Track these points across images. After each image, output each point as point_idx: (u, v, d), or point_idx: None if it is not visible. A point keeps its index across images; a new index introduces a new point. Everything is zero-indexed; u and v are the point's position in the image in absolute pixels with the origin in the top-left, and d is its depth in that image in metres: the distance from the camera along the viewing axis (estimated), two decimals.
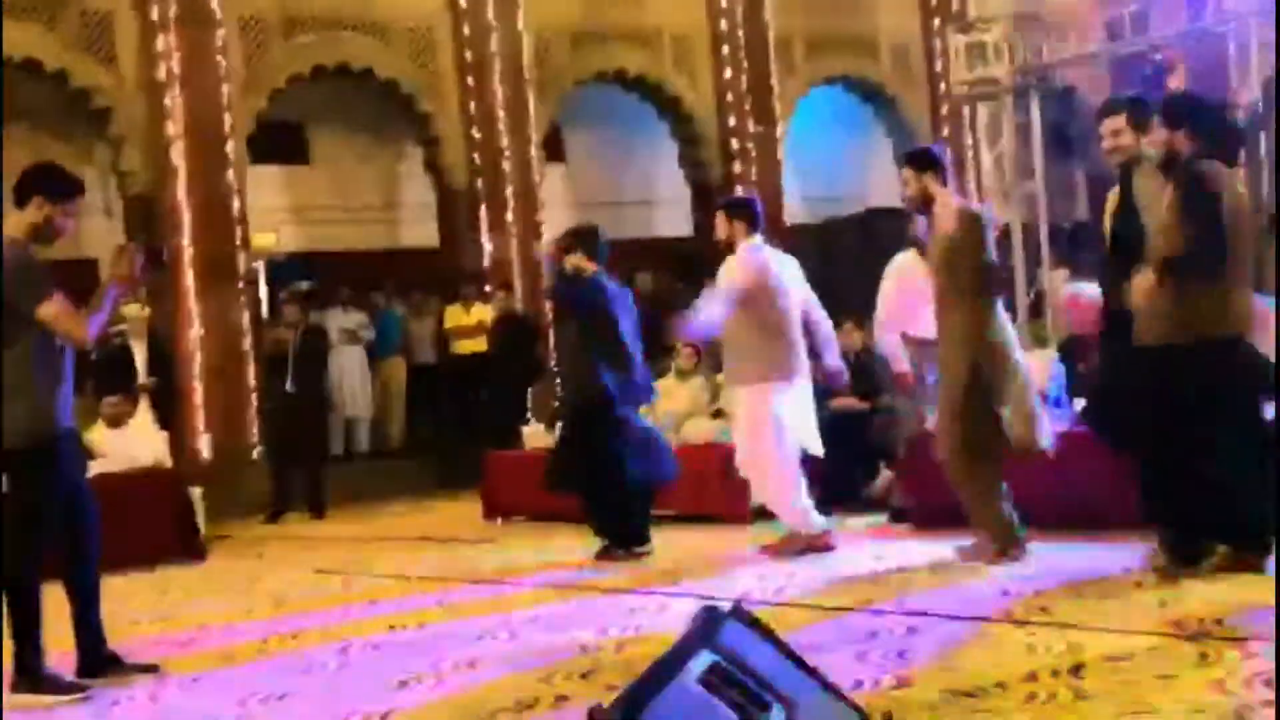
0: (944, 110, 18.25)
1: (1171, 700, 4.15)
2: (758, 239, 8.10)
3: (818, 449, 8.16)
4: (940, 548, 7.41)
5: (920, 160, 7.38)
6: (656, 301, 16.97)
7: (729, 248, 8.13)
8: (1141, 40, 13.82)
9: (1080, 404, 7.94)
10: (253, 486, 13.47)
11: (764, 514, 8.80)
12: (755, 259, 8.02)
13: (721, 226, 8.18)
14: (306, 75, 15.05)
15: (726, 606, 3.70)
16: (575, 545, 8.97)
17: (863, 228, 16.39)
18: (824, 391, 8.95)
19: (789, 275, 8.14)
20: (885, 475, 9.56)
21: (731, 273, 8.02)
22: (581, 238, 8.82)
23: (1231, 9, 13.17)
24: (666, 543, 8.78)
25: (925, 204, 7.27)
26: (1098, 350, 7.56)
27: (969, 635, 5.43)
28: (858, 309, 9.99)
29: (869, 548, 8.04)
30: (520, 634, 6.25)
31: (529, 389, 14.06)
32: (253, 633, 6.93)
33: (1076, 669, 4.64)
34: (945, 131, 18.27)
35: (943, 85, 17.68)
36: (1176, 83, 13.63)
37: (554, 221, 16.14)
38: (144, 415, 11.64)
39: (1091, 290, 7.61)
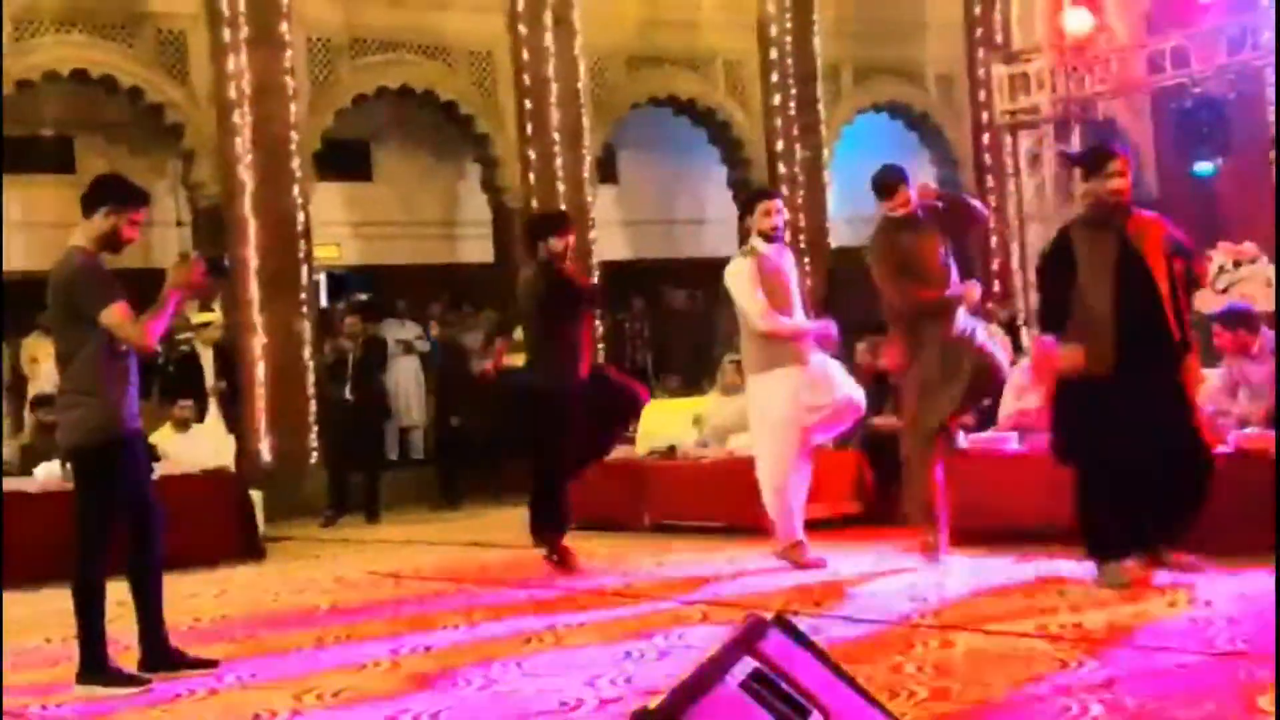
0: (986, 138, 18.16)
1: None
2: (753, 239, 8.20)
3: (859, 397, 8.26)
4: (976, 562, 7.41)
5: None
6: (691, 318, 17.02)
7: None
8: (1182, 73, 13.73)
9: None
10: (310, 490, 13.54)
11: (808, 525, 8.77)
12: (748, 256, 8.11)
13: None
14: (371, 95, 15.15)
15: (769, 616, 3.70)
16: (624, 552, 8.96)
17: None
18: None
19: (791, 268, 8.29)
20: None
21: (731, 275, 8.09)
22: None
23: (1269, 44, 13.05)
24: (710, 554, 8.77)
25: None
26: None
27: (1004, 649, 5.39)
28: None
29: (902, 562, 7.98)
30: (565, 638, 6.25)
31: None
32: (309, 630, 6.96)
33: (1109, 683, 4.60)
34: (988, 159, 18.19)
35: (986, 114, 17.60)
36: None
37: (605, 240, 16.18)
38: (214, 418, 11.72)
39: None
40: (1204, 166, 17.91)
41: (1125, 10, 14.69)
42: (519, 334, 8.89)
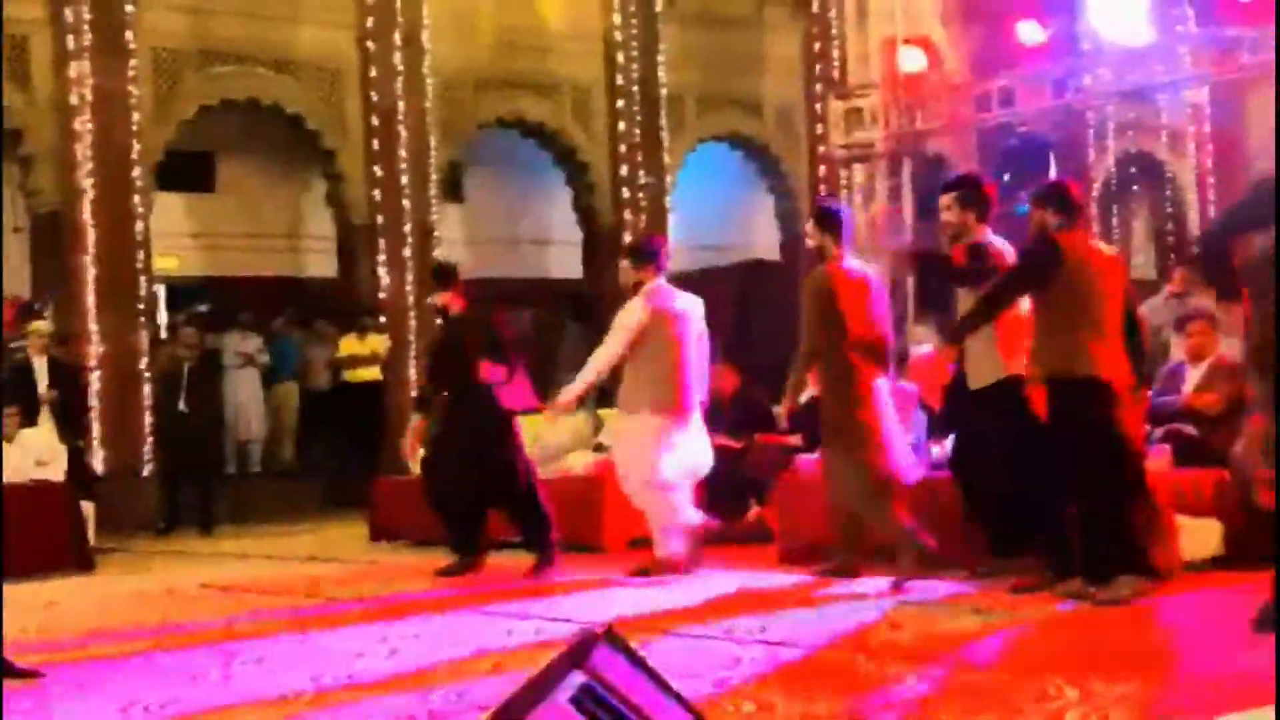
0: (822, 170, 18.45)
1: None
2: (661, 279, 8.25)
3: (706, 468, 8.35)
4: (805, 579, 7.51)
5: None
6: (539, 338, 17.01)
7: (636, 289, 8.25)
8: (1007, 114, 14.10)
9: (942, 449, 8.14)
10: (143, 502, 13.24)
11: (643, 542, 8.80)
12: (657, 298, 8.16)
13: (627, 273, 8.34)
14: (216, 106, 14.89)
15: (600, 630, 3.69)
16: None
17: (741, 277, 16.52)
18: None
19: (692, 314, 8.28)
20: (755, 510, 9.62)
21: (627, 316, 8.14)
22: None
23: (1091, 88, 13.47)
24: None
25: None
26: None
27: (830, 664, 5.46)
28: (735, 352, 10.06)
29: (738, 578, 8.07)
30: (399, 651, 6.18)
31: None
32: (138, 642, 6.78)
33: (926, 700, 4.69)
34: (823, 191, 18.49)
35: (822, 147, 17.89)
36: None
37: (450, 258, 16.04)
38: (46, 428, 11.40)
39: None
40: (1023, 205, 18.41)
41: (955, 51, 15.05)
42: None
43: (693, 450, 8.23)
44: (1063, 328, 6.60)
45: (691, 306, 8.34)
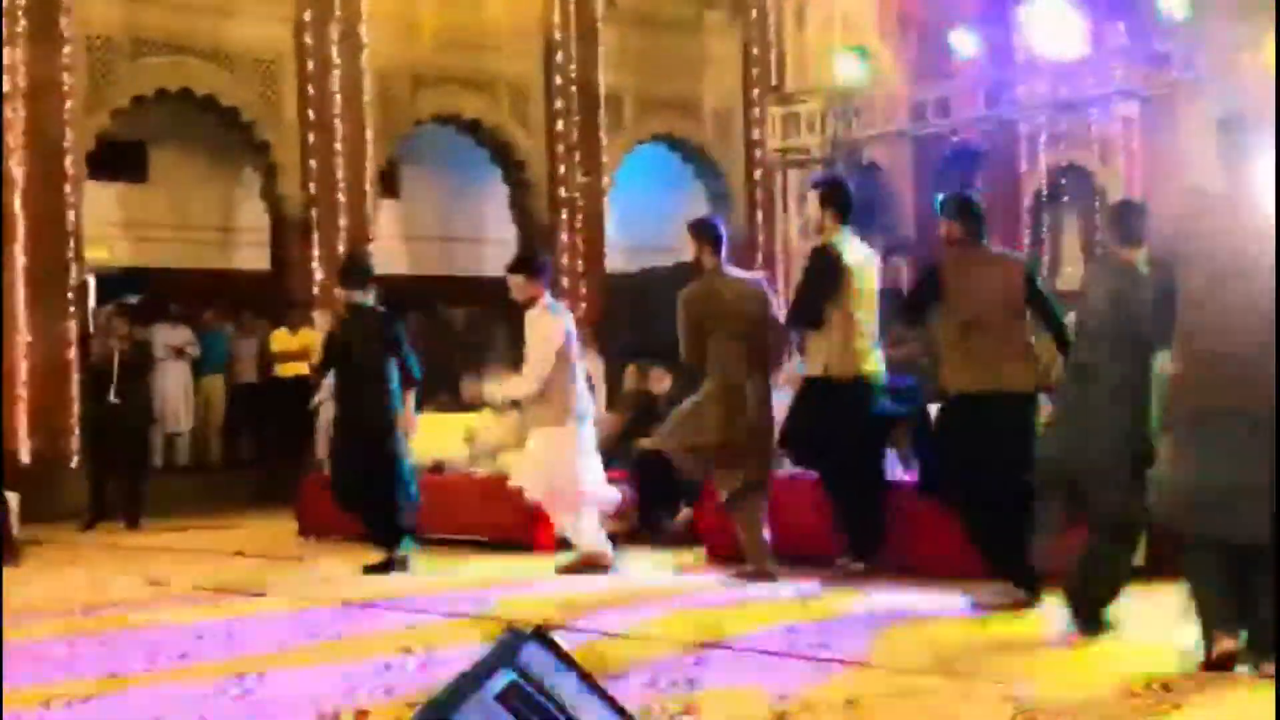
0: (758, 174, 18.53)
1: None
2: (548, 296, 8.57)
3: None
4: (733, 581, 7.56)
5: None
6: (467, 335, 16.98)
7: (529, 304, 8.47)
8: (942, 123, 14.23)
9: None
10: (70, 494, 13.05)
11: (568, 543, 8.81)
12: (559, 316, 8.48)
13: (521, 288, 8.51)
14: (150, 96, 14.72)
15: (528, 629, 3.69)
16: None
17: (674, 278, 16.49)
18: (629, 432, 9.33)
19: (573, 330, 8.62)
20: (685, 512, 9.63)
21: (548, 329, 8.31)
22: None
23: (1025, 100, 13.62)
24: (474, 567, 8.75)
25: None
26: None
27: (756, 666, 5.49)
28: (669, 354, 10.05)
29: (667, 580, 8.09)
30: (323, 649, 6.15)
31: None
32: (60, 635, 6.70)
33: (850, 702, 4.72)
34: (759, 194, 18.58)
35: (759, 151, 17.97)
36: None
37: (385, 253, 15.99)
38: None
39: None
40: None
41: (892, 60, 15.16)
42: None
43: (597, 461, 8.56)
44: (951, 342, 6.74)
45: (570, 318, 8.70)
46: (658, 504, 9.79)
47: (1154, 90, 13.35)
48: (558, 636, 3.43)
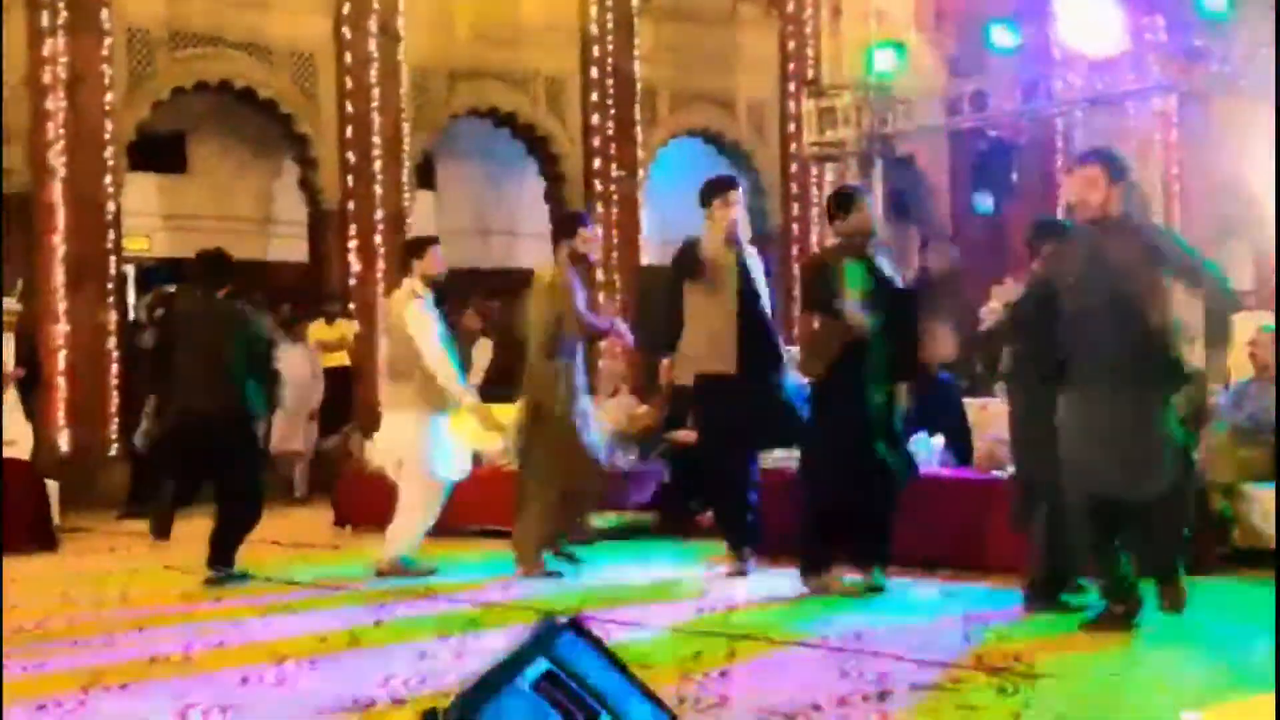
0: (794, 168, 18.49)
1: None
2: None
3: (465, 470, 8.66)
4: (773, 578, 7.53)
5: None
6: (499, 327, 16.98)
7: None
8: (978, 118, 14.15)
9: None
10: (108, 482, 13.14)
11: (602, 533, 8.82)
12: (426, 301, 8.48)
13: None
14: (189, 89, 14.80)
15: (563, 618, 3.71)
16: (420, 553, 8.86)
17: None
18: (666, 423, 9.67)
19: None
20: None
21: (423, 315, 8.36)
22: None
23: (1061, 94, 13.53)
24: (506, 557, 8.78)
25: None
26: None
27: (788, 657, 5.49)
28: None
29: (699, 572, 8.08)
30: (360, 638, 6.18)
31: None
32: (99, 621, 6.76)
33: (883, 695, 4.72)
34: (794, 188, 18.54)
35: (794, 145, 17.92)
36: None
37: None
38: (12, 404, 11.29)
39: None
40: (984, 204, 18.67)
41: (928, 54, 15.09)
42: None
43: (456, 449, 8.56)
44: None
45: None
46: (691, 496, 9.78)
47: (1192, 85, 13.25)
48: (591, 626, 3.45)
